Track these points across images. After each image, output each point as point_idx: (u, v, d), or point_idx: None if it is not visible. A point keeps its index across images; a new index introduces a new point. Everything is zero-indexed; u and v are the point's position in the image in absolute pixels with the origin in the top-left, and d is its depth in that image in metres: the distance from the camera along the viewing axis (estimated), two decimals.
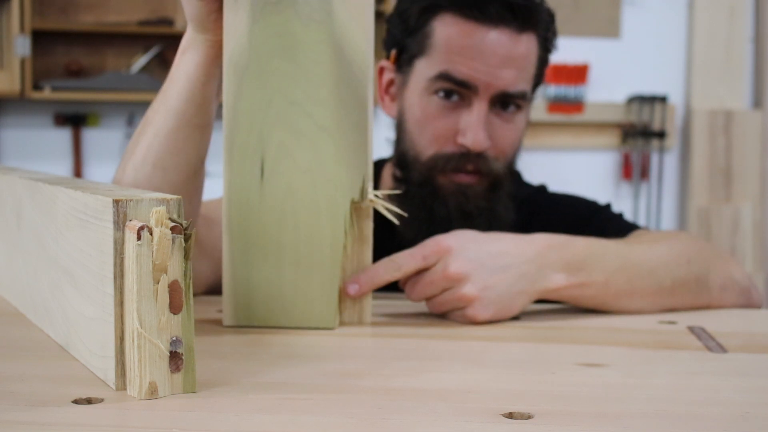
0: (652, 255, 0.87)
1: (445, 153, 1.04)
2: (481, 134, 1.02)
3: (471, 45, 1.01)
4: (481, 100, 1.02)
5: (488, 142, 1.03)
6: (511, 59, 1.02)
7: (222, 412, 0.53)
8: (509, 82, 1.02)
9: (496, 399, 0.56)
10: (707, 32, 3.32)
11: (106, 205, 0.55)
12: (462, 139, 1.03)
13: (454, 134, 1.04)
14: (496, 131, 1.05)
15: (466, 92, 1.03)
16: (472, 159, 1.04)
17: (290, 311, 0.77)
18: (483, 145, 1.03)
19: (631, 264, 0.84)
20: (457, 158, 1.04)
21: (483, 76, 1.01)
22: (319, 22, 0.75)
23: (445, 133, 1.04)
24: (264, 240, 0.76)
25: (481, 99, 1.02)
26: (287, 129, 0.76)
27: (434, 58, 1.03)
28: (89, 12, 3.06)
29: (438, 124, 1.04)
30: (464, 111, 1.03)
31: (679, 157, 3.41)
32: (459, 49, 1.02)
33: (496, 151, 1.05)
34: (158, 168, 0.82)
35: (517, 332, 0.78)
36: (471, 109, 1.03)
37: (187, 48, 0.81)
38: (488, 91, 1.02)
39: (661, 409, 0.55)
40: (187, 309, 0.55)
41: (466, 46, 1.02)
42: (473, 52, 1.01)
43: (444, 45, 1.03)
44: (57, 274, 0.66)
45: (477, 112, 1.02)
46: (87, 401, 0.54)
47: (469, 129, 1.02)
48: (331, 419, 0.52)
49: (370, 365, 0.65)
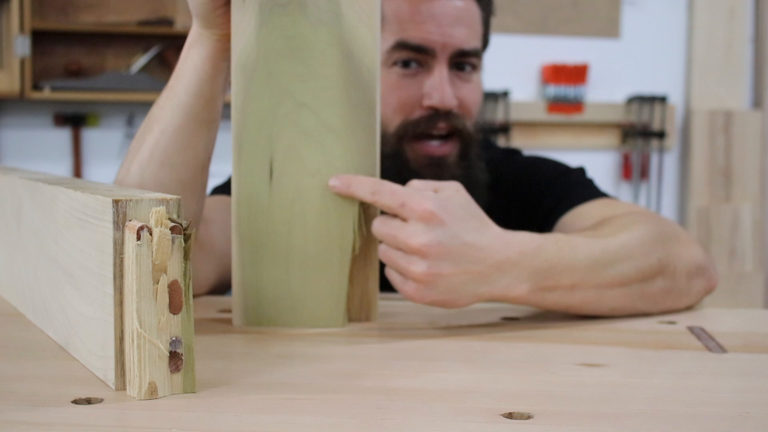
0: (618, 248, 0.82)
1: (413, 119, 1.05)
2: (447, 91, 1.03)
3: (420, 10, 1.03)
4: (439, 62, 1.04)
5: (455, 100, 1.04)
6: (460, 18, 1.04)
7: (222, 412, 0.53)
8: (463, 40, 1.04)
9: (495, 399, 0.56)
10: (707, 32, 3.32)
11: (105, 205, 0.55)
12: (429, 101, 1.04)
13: (419, 100, 1.05)
14: (459, 91, 1.06)
15: (424, 57, 1.04)
16: (442, 117, 1.05)
17: (299, 312, 0.77)
18: (451, 103, 1.04)
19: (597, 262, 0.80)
20: (426, 120, 1.05)
21: (438, 37, 1.03)
22: (327, 23, 0.75)
23: (409, 100, 1.05)
24: (273, 241, 0.77)
25: (439, 61, 1.04)
26: (296, 130, 0.76)
27: (387, 30, 1.05)
28: (89, 12, 3.06)
29: (401, 93, 1.05)
30: (425, 76, 1.05)
31: (679, 158, 3.41)
32: (409, 16, 1.04)
33: (462, 110, 1.06)
34: (165, 165, 0.82)
35: (517, 332, 0.78)
36: (432, 72, 1.04)
37: (193, 43, 0.81)
38: (445, 51, 1.04)
39: (661, 409, 0.55)
40: (186, 309, 0.55)
41: (416, 12, 1.03)
42: (424, 16, 1.03)
43: (394, 15, 1.04)
44: (57, 274, 0.66)
45: (439, 73, 1.04)
46: (87, 401, 0.54)
47: (434, 90, 1.04)
48: (331, 419, 0.52)
49: (370, 365, 0.65)
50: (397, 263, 0.75)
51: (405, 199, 0.74)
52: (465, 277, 0.74)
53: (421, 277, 0.74)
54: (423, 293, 0.75)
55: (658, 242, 0.86)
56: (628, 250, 0.83)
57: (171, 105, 0.82)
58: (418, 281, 0.74)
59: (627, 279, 0.82)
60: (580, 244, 0.81)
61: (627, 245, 0.83)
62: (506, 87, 3.20)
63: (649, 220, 0.90)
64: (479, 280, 0.75)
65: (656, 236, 0.86)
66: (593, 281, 0.80)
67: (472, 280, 0.75)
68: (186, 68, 0.81)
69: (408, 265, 0.74)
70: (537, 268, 0.77)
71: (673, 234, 0.90)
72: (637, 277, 0.82)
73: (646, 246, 0.84)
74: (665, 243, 0.86)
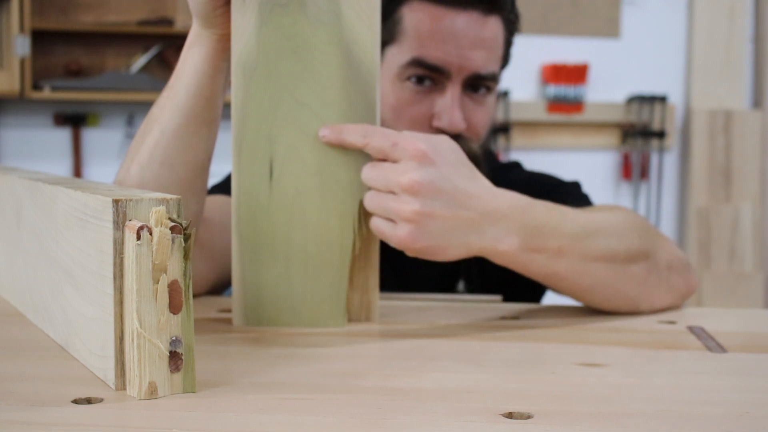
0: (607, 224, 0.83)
1: None
2: (457, 115, 1.03)
3: (441, 29, 1.03)
4: (454, 83, 1.04)
5: (464, 124, 1.04)
6: (481, 41, 1.04)
7: (222, 412, 0.53)
8: (480, 64, 1.04)
9: (495, 399, 0.56)
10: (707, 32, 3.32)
11: (105, 205, 0.55)
12: (438, 123, 1.04)
13: (429, 119, 1.05)
14: (470, 113, 1.06)
15: (439, 77, 1.04)
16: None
17: (299, 312, 0.77)
18: (459, 126, 1.03)
19: (586, 230, 0.80)
20: None
21: (455, 59, 1.02)
22: (328, 23, 0.75)
23: (420, 118, 1.05)
24: (273, 241, 0.77)
25: (453, 82, 1.04)
26: (296, 130, 0.76)
27: (405, 44, 1.04)
28: (89, 12, 3.06)
29: (413, 109, 1.05)
30: (438, 95, 1.05)
31: (679, 157, 3.41)
32: (429, 34, 1.03)
33: (470, 132, 1.06)
34: (165, 165, 0.82)
35: (517, 332, 0.78)
36: (444, 92, 1.04)
37: (193, 43, 0.81)
38: (461, 73, 1.03)
39: (661, 409, 0.55)
40: (186, 309, 0.55)
41: (437, 31, 1.03)
42: (444, 36, 1.03)
43: (414, 31, 1.04)
44: (57, 274, 0.66)
45: (451, 95, 1.04)
46: (87, 401, 0.54)
47: (444, 112, 1.03)
48: (331, 419, 0.52)
49: (370, 365, 0.65)
50: (388, 204, 0.73)
51: (397, 139, 0.73)
52: (456, 221, 0.73)
53: (414, 216, 0.72)
54: (415, 236, 0.73)
55: (642, 230, 0.86)
56: (614, 227, 0.83)
57: (171, 105, 0.82)
58: (410, 221, 0.72)
59: (612, 254, 0.81)
60: (569, 211, 0.81)
61: (613, 223, 0.83)
62: (506, 87, 3.20)
63: (633, 214, 0.91)
64: (469, 227, 0.74)
65: (640, 225, 0.87)
66: (579, 249, 0.79)
67: (462, 227, 0.74)
68: (186, 68, 0.81)
69: (400, 204, 0.72)
70: (526, 223, 0.76)
71: (655, 230, 0.91)
72: (622, 255, 0.82)
73: (630, 230, 0.84)
74: (648, 233, 0.87)
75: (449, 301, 0.94)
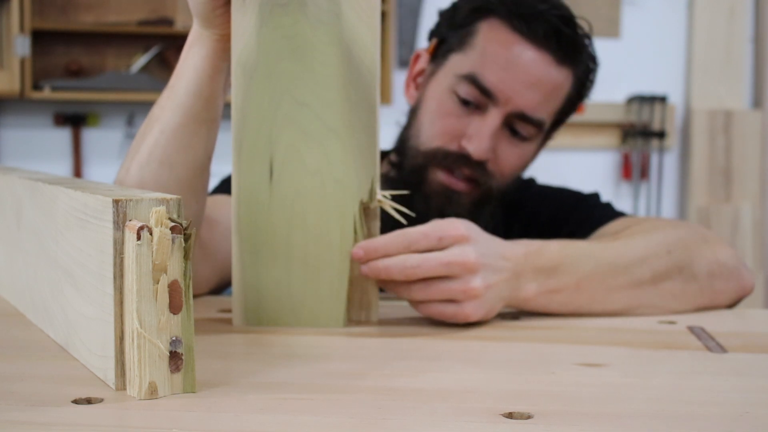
0: (628, 251, 0.84)
1: (446, 149, 1.05)
2: (485, 143, 1.02)
3: (508, 55, 1.02)
4: (496, 113, 1.02)
5: (490, 154, 1.03)
6: (541, 83, 1.02)
7: (222, 412, 0.53)
8: (530, 105, 1.02)
9: (495, 399, 0.56)
10: (707, 32, 3.32)
11: (105, 205, 0.55)
12: (466, 143, 1.03)
13: (460, 136, 1.04)
14: (502, 149, 1.05)
15: (485, 101, 1.03)
16: (469, 164, 1.04)
17: (299, 311, 0.77)
18: (484, 155, 1.03)
19: (605, 263, 0.82)
20: (455, 157, 1.04)
21: (507, 89, 1.01)
22: (328, 23, 0.75)
23: (452, 132, 1.05)
24: (273, 241, 0.77)
25: (496, 111, 1.02)
26: (296, 130, 0.76)
27: (469, 56, 1.04)
28: (89, 12, 3.06)
29: (449, 121, 1.05)
30: (477, 117, 1.04)
31: (679, 157, 3.41)
32: (495, 56, 1.02)
33: (495, 167, 1.05)
34: (165, 165, 0.82)
35: (517, 332, 0.78)
36: (484, 117, 1.03)
37: (193, 43, 0.81)
38: (507, 105, 1.02)
39: (661, 409, 0.55)
40: (186, 309, 0.55)
41: (503, 55, 1.02)
42: (507, 63, 1.01)
43: (482, 47, 1.03)
44: (57, 274, 0.66)
45: (489, 122, 1.02)
46: (87, 401, 0.54)
47: (476, 135, 1.03)
48: (331, 419, 0.52)
49: (370, 365, 0.65)
50: (453, 288, 0.76)
51: (437, 233, 0.76)
52: (501, 285, 0.78)
53: (481, 291, 0.76)
54: (476, 309, 0.77)
55: (674, 244, 0.87)
56: (636, 252, 0.84)
57: (171, 104, 0.82)
58: (477, 296, 0.76)
59: (635, 280, 0.83)
60: (584, 246, 0.83)
61: (637, 247, 0.85)
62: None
63: (670, 225, 0.92)
64: (507, 285, 0.79)
65: (674, 238, 0.88)
66: (598, 282, 0.81)
67: (504, 287, 0.79)
68: (186, 68, 0.81)
69: (467, 284, 0.76)
70: (541, 266, 0.80)
71: (699, 236, 0.91)
72: (647, 277, 0.84)
73: (658, 249, 0.85)
74: (683, 245, 0.88)
75: None
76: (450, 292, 0.76)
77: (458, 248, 0.75)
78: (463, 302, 0.76)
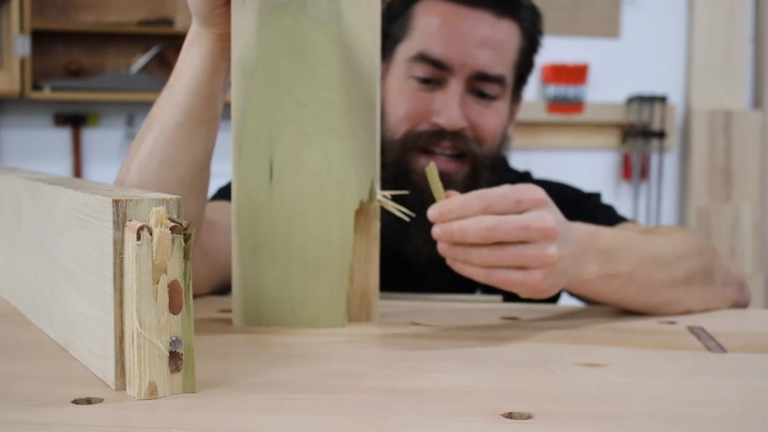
0: (669, 248, 0.85)
1: (417, 131, 1.05)
2: (455, 112, 1.03)
3: (448, 26, 1.03)
4: (456, 81, 1.04)
5: (463, 122, 1.04)
6: (488, 40, 1.04)
7: (222, 412, 0.53)
8: (486, 63, 1.04)
9: (495, 399, 0.56)
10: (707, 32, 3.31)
11: (105, 205, 0.55)
12: (436, 119, 1.04)
13: (428, 114, 1.05)
14: (474, 114, 1.05)
15: (442, 74, 1.04)
16: (447, 137, 1.04)
17: (299, 312, 0.77)
18: (457, 124, 1.03)
19: (651, 257, 0.82)
20: (429, 136, 1.05)
21: (458, 55, 1.03)
22: (328, 24, 0.75)
23: (418, 112, 1.05)
24: (273, 241, 0.77)
25: (456, 79, 1.04)
26: (296, 130, 0.76)
27: (413, 40, 1.05)
28: (89, 12, 3.06)
29: (412, 103, 1.06)
30: (440, 92, 1.05)
31: (679, 157, 3.41)
32: (436, 30, 1.04)
33: (474, 133, 1.05)
34: (164, 164, 0.82)
35: (517, 332, 0.78)
36: (446, 89, 1.04)
37: (192, 42, 0.81)
38: (463, 70, 1.03)
39: (661, 409, 0.55)
40: (186, 309, 0.55)
41: (444, 27, 1.03)
42: (450, 32, 1.03)
43: (423, 27, 1.05)
44: (57, 274, 0.66)
45: (451, 92, 1.04)
46: (87, 401, 0.54)
47: (443, 108, 1.03)
48: (331, 419, 0.52)
49: (370, 365, 0.65)
50: (528, 253, 0.71)
51: (515, 195, 0.72)
52: (570, 259, 0.75)
53: (555, 259, 0.72)
54: (547, 279, 0.73)
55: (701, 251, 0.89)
56: (675, 251, 0.86)
57: (170, 104, 0.82)
58: (550, 264, 0.72)
59: (675, 278, 0.84)
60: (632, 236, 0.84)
61: (675, 247, 0.86)
62: None
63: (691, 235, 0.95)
64: (573, 261, 0.76)
65: (699, 246, 0.90)
66: (646, 274, 0.82)
67: (571, 262, 0.75)
68: (185, 67, 0.81)
69: (542, 250, 0.71)
70: (600, 249, 0.78)
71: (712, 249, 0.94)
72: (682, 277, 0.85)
73: (690, 252, 0.87)
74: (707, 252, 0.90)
75: (449, 301, 0.94)
76: (524, 258, 0.72)
77: (537, 213, 0.72)
78: (533, 270, 0.72)
